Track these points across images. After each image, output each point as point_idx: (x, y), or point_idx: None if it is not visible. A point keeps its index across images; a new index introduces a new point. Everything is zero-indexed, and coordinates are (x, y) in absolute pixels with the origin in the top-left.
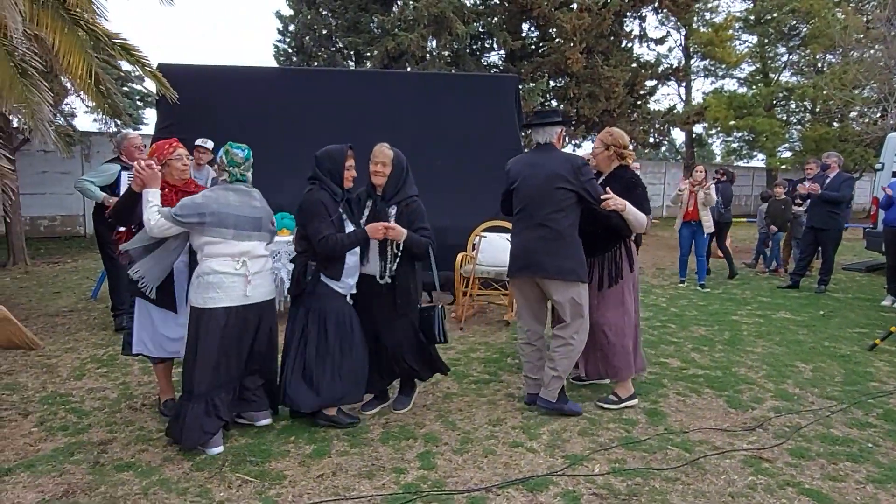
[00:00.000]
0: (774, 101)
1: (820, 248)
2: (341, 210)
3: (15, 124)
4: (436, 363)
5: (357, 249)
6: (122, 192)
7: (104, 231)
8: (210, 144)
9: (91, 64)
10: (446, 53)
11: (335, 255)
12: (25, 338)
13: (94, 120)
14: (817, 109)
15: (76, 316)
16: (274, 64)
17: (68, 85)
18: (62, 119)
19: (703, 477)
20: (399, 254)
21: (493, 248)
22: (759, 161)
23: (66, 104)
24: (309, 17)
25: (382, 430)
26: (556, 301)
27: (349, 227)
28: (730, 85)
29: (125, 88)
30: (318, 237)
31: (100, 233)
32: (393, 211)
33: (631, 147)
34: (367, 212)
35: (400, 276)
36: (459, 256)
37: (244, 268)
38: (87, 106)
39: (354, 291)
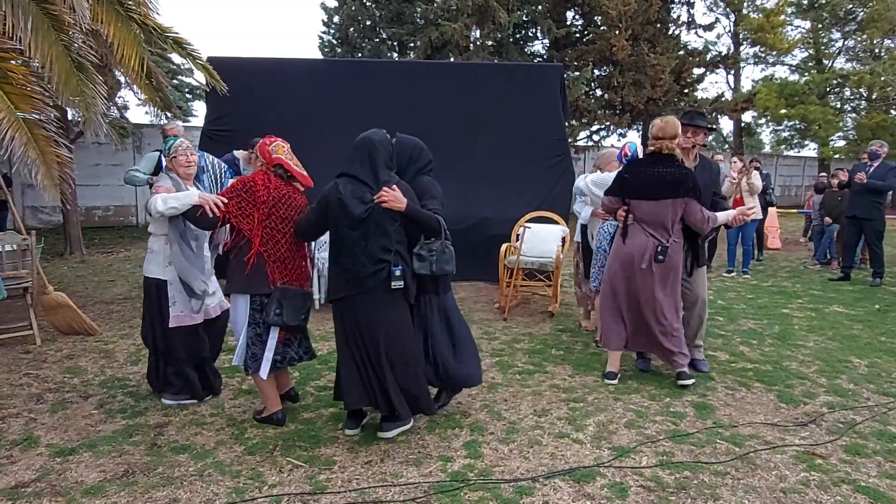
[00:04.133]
0: (828, 89)
1: (865, 240)
2: None
3: (70, 117)
4: None
5: None
6: None
7: None
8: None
9: (144, 57)
10: (489, 43)
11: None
12: (84, 324)
13: (146, 112)
14: (874, 96)
15: (130, 303)
16: (319, 55)
17: (122, 78)
18: (116, 111)
19: (753, 472)
20: None
21: (536, 239)
22: (810, 150)
23: (119, 97)
24: (353, 8)
25: (429, 419)
26: None
27: None
28: (781, 72)
29: (175, 81)
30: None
31: None
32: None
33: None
34: None
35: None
36: (503, 247)
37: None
38: (140, 99)
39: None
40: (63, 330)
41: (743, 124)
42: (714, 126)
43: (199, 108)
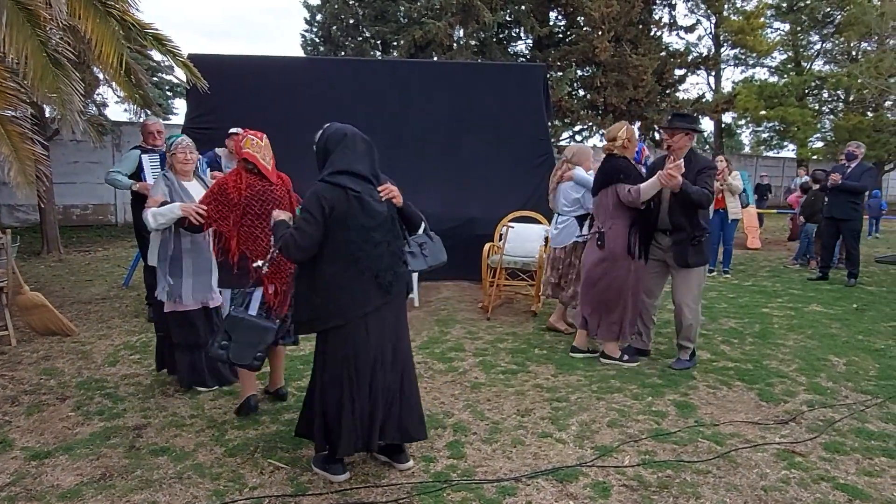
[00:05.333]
0: (806, 91)
1: (842, 240)
2: None
3: (48, 114)
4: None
5: None
6: (146, 176)
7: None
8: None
9: (123, 54)
10: (473, 42)
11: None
12: (61, 324)
13: (125, 110)
14: (851, 99)
15: (108, 303)
16: (301, 54)
17: (100, 75)
18: (94, 109)
19: (734, 470)
20: None
21: (520, 239)
22: (789, 152)
23: (97, 94)
24: (336, 6)
25: None
26: None
27: None
28: (760, 74)
29: (155, 79)
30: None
31: (138, 220)
32: None
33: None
34: None
35: (295, 285)
36: (487, 247)
37: None
38: (119, 96)
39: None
40: (39, 331)
41: (723, 125)
42: (695, 127)
43: (180, 106)
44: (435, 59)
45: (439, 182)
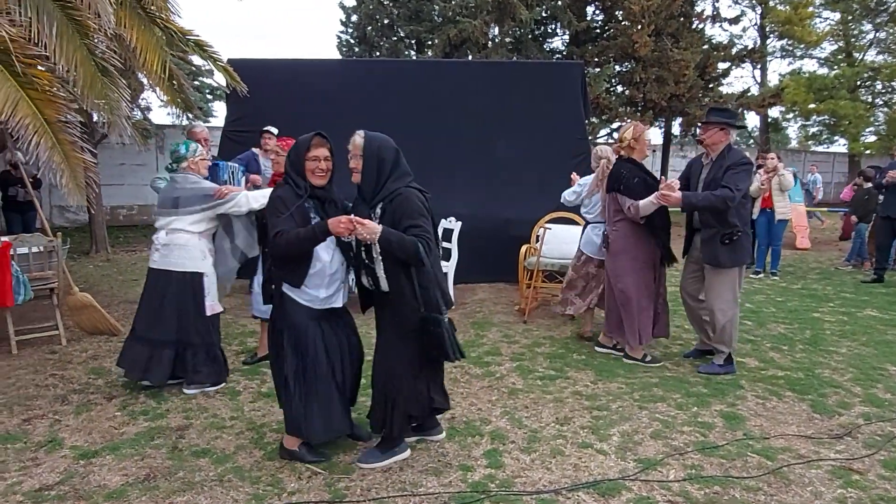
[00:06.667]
0: (858, 83)
1: None
2: (308, 205)
3: (95, 119)
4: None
5: (333, 253)
6: None
7: None
8: (275, 131)
9: (166, 60)
10: (508, 40)
11: (290, 255)
12: (109, 324)
13: (168, 114)
14: None
15: None
16: (337, 55)
17: (144, 81)
18: (139, 113)
19: (786, 488)
20: (378, 257)
21: (557, 241)
22: (839, 146)
23: (142, 99)
24: (371, 6)
25: (448, 426)
26: None
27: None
28: (809, 66)
29: (196, 83)
30: (272, 234)
31: None
32: (379, 212)
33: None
34: None
35: (393, 286)
36: (523, 248)
37: (156, 239)
38: (162, 100)
39: (337, 305)
40: (88, 330)
41: (770, 120)
42: (730, 122)
43: (220, 109)
44: (470, 57)
45: (475, 183)
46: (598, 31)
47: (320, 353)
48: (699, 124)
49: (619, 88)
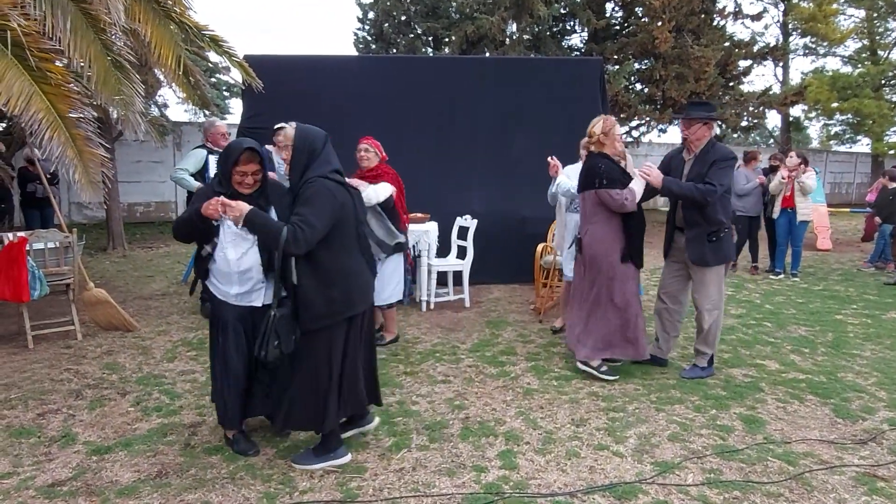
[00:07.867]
0: (883, 81)
1: None
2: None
3: (113, 115)
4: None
5: (245, 253)
6: (210, 177)
7: None
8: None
9: (181, 56)
10: (526, 37)
11: (179, 235)
12: (124, 320)
13: (185, 110)
14: None
15: (168, 300)
16: (354, 52)
17: (161, 77)
18: (155, 110)
19: (808, 494)
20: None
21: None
22: (863, 146)
23: (159, 95)
24: (388, 3)
25: (462, 426)
26: None
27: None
28: (833, 64)
29: (212, 79)
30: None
31: None
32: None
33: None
34: None
35: (301, 280)
36: (539, 247)
37: None
38: (178, 97)
39: (256, 304)
40: (103, 326)
41: (791, 118)
42: (715, 115)
43: (236, 106)
44: (487, 54)
45: (490, 180)
46: (617, 27)
47: (230, 348)
48: (678, 120)
49: (639, 86)
